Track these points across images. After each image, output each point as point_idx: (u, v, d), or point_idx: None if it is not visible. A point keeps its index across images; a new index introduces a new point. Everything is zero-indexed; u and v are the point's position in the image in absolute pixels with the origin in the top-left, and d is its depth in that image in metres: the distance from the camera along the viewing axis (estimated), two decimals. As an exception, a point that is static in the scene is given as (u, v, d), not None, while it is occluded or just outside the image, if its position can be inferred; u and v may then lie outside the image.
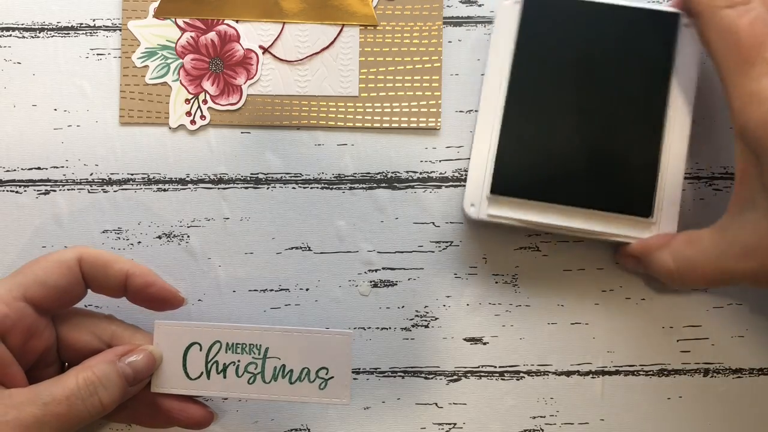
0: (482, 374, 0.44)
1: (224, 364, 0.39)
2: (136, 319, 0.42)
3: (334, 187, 0.44)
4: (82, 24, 0.45)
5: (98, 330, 0.39)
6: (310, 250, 0.44)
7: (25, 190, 0.44)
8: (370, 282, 0.44)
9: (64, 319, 0.39)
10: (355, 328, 0.44)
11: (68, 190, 0.44)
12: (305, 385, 0.38)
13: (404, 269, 0.44)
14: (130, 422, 0.41)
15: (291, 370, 0.38)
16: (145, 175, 0.44)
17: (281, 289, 0.44)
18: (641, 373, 0.44)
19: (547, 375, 0.44)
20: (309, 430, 0.44)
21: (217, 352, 0.39)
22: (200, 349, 0.39)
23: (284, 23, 0.45)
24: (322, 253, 0.44)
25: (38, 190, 0.44)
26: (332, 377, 0.38)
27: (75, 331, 0.39)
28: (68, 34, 0.45)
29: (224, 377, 0.39)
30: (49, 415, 0.35)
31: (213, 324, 0.39)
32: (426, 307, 0.44)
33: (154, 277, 0.39)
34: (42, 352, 0.38)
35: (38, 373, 0.39)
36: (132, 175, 0.44)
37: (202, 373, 0.39)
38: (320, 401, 0.38)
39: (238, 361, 0.38)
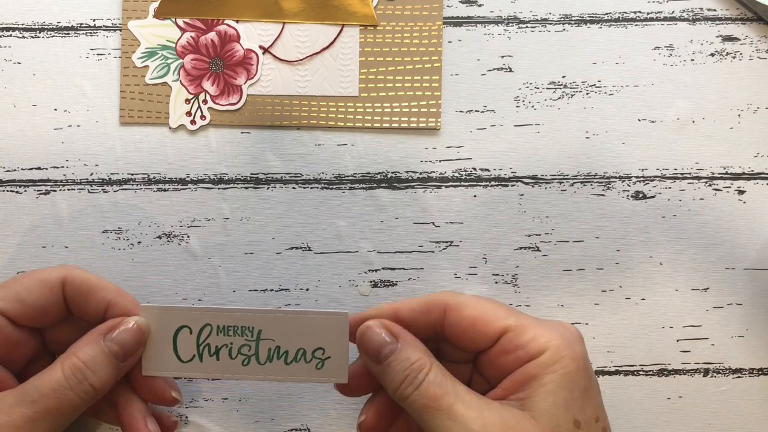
0: (482, 374, 0.44)
1: (216, 346, 0.38)
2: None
3: (334, 187, 0.44)
4: (82, 24, 0.45)
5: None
6: (310, 250, 0.44)
7: (25, 190, 0.44)
8: (370, 282, 0.44)
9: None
10: (355, 328, 0.44)
11: (68, 190, 0.44)
12: (301, 365, 0.38)
13: (404, 269, 0.44)
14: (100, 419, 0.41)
15: (286, 351, 0.38)
16: (145, 175, 0.44)
17: (281, 289, 0.44)
18: (641, 373, 0.44)
19: (547, 375, 0.44)
20: (309, 430, 0.44)
21: (209, 335, 0.38)
22: (190, 333, 0.38)
23: (284, 23, 0.45)
24: (322, 253, 0.44)
25: (38, 190, 0.44)
26: (329, 357, 0.38)
27: (63, 335, 0.39)
28: (68, 34, 0.45)
29: (217, 359, 0.38)
30: (40, 413, 0.34)
31: (202, 307, 0.39)
32: (426, 307, 0.44)
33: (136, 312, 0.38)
34: (30, 357, 0.38)
35: (34, 368, 0.38)
36: (132, 175, 0.44)
37: (194, 355, 0.38)
38: (318, 381, 0.38)
39: (231, 343, 0.38)
